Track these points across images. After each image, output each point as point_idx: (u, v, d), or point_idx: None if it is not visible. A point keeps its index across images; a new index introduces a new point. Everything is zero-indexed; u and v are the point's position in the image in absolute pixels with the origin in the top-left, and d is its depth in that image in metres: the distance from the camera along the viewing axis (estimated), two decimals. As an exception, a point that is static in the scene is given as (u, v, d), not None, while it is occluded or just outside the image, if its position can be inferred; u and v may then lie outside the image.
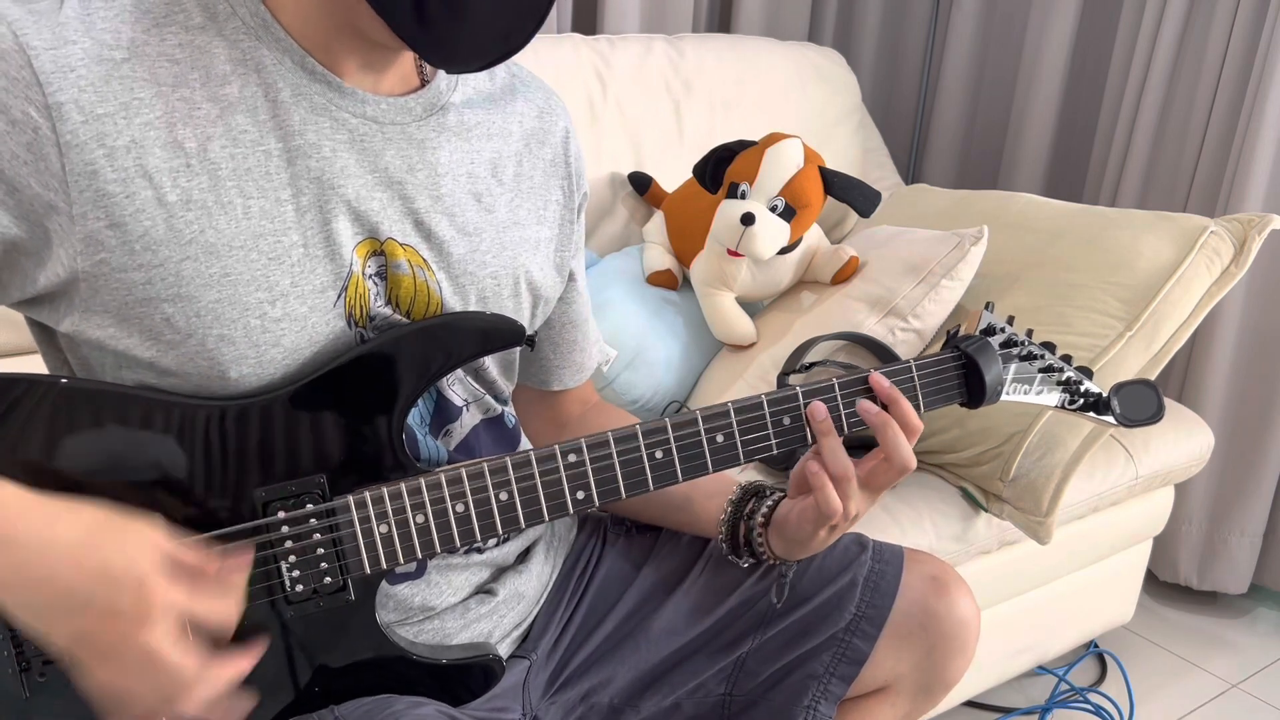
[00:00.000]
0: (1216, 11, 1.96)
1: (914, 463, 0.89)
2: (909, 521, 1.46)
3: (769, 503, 0.97)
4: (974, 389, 0.96)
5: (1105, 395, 1.01)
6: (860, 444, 1.55)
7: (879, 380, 0.91)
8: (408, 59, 0.85)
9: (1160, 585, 2.20)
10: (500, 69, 0.94)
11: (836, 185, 1.63)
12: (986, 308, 0.99)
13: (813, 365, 1.52)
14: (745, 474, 1.41)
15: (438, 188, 0.85)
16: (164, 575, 0.67)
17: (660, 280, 1.75)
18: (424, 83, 0.86)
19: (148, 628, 0.66)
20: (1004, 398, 0.98)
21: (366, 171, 0.81)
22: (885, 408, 0.91)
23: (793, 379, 1.50)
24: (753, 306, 1.74)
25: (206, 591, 0.70)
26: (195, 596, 0.69)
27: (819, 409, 0.90)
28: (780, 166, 1.61)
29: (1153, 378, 1.49)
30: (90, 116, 0.71)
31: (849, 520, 0.91)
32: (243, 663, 0.72)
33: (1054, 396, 1.01)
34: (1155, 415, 1.02)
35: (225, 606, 0.71)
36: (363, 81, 0.81)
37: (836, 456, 0.89)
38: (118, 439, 0.75)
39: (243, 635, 0.80)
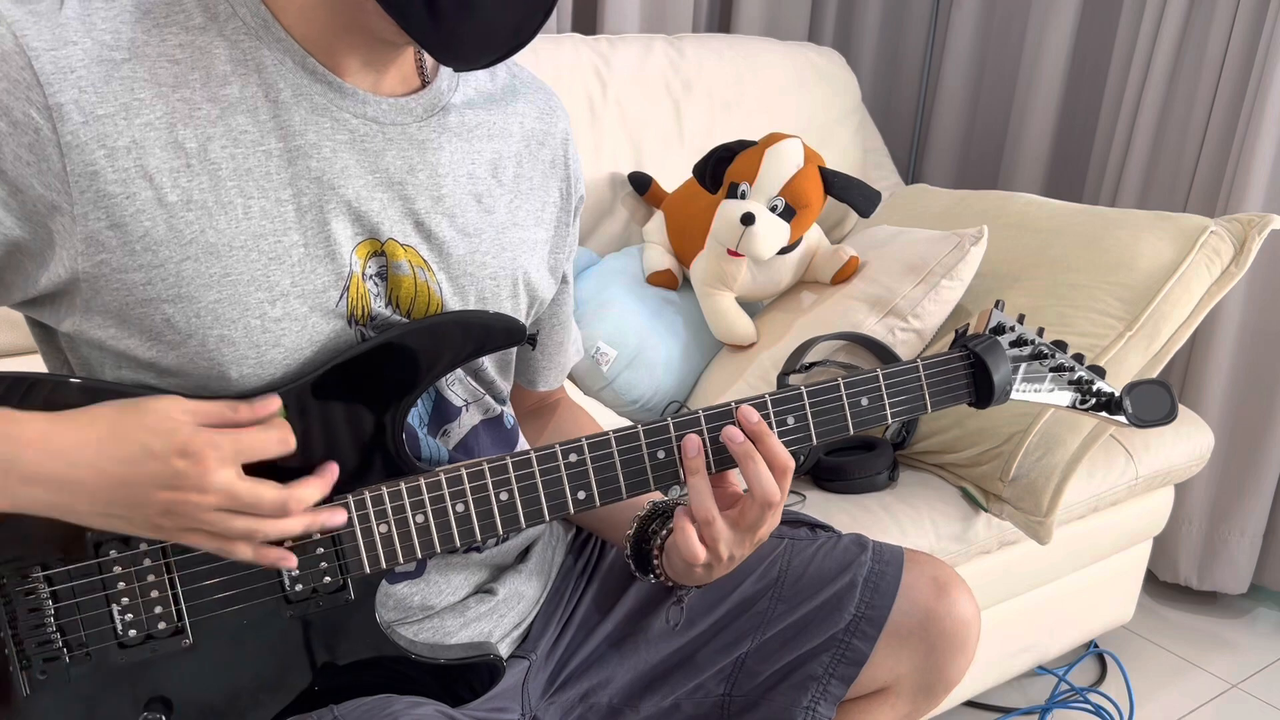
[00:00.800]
0: (1216, 11, 1.96)
1: (777, 496, 0.83)
2: (909, 521, 1.46)
3: (670, 525, 0.92)
4: (982, 389, 0.94)
5: (1118, 395, 0.99)
6: (862, 444, 1.56)
7: (747, 415, 0.85)
8: (408, 59, 0.85)
9: (1160, 585, 2.20)
10: (501, 69, 0.94)
11: (836, 185, 1.63)
12: (996, 306, 0.98)
13: (813, 365, 1.52)
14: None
15: (438, 188, 0.85)
16: (202, 430, 0.71)
17: (660, 280, 1.76)
18: (425, 83, 0.86)
19: (211, 477, 0.70)
20: (1014, 397, 0.95)
21: (367, 172, 0.81)
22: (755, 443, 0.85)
23: (793, 379, 1.50)
24: (753, 306, 1.74)
25: (249, 430, 0.73)
26: (241, 435, 0.72)
27: (691, 444, 0.84)
28: (780, 166, 1.61)
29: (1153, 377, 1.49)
30: (91, 117, 0.71)
31: (725, 562, 0.86)
32: (320, 480, 0.76)
33: (1065, 396, 0.99)
34: (1168, 416, 1.00)
35: (271, 435, 0.74)
36: (363, 82, 0.81)
37: (701, 499, 0.83)
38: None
39: (242, 635, 0.80)
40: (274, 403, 0.75)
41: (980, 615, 1.02)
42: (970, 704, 1.82)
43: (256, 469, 0.73)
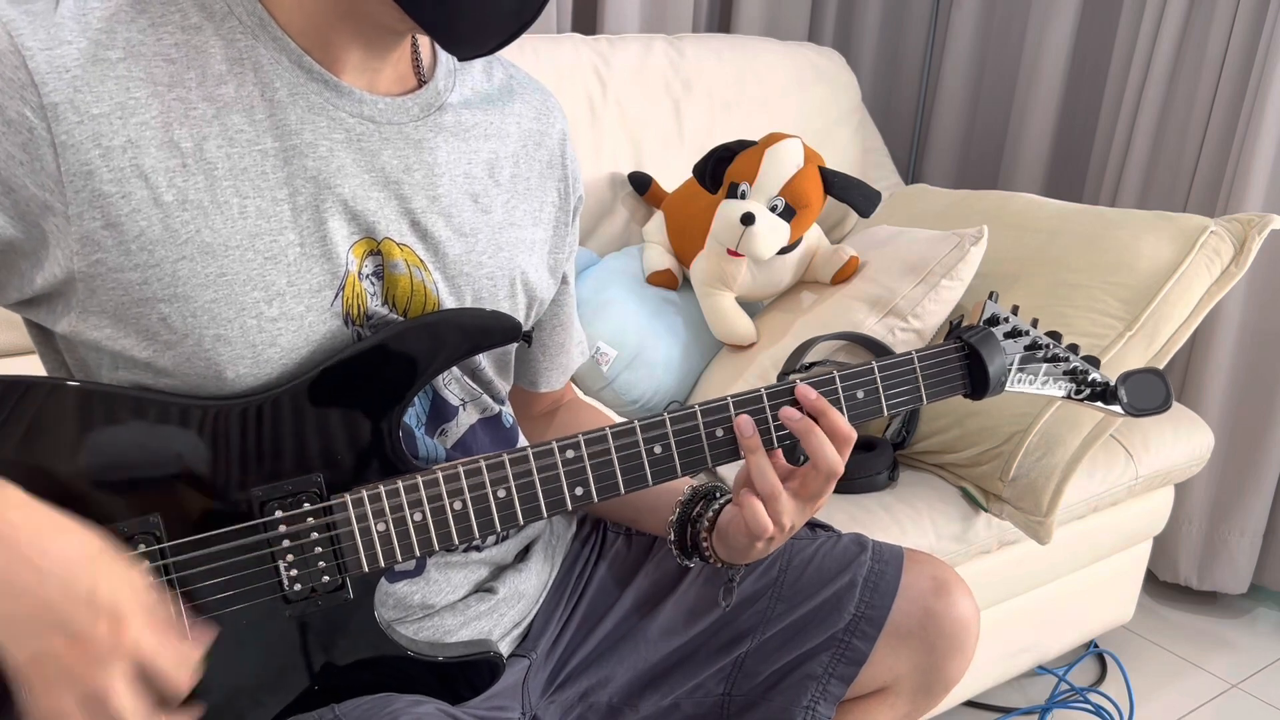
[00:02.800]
0: (1216, 11, 1.96)
1: (840, 467, 0.85)
2: (909, 521, 1.46)
3: (715, 506, 0.95)
4: (977, 380, 0.94)
5: (1112, 384, 0.99)
6: (862, 444, 1.55)
7: (805, 392, 0.87)
8: (405, 58, 0.85)
9: (1160, 585, 2.19)
10: (498, 69, 0.94)
11: (836, 185, 1.63)
12: (990, 297, 0.98)
13: (813, 365, 1.52)
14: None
15: (435, 188, 0.85)
16: (140, 617, 0.67)
17: (660, 280, 1.75)
18: (421, 83, 0.86)
19: (110, 663, 0.65)
20: (1009, 388, 0.96)
21: (363, 171, 0.81)
22: (816, 420, 0.87)
23: (793, 378, 1.50)
24: (753, 306, 1.74)
25: (170, 650, 0.69)
26: (161, 646, 0.68)
27: (745, 424, 0.86)
28: (780, 166, 1.61)
29: (1153, 377, 1.49)
30: (85, 117, 0.71)
31: (785, 533, 0.88)
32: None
33: (1060, 387, 0.99)
34: (1164, 404, 1.00)
35: (182, 672, 0.69)
36: (360, 80, 0.81)
37: (764, 475, 0.85)
38: (115, 440, 0.75)
39: (241, 635, 0.80)
40: (205, 642, 0.72)
41: (980, 615, 1.02)
42: (970, 704, 1.82)
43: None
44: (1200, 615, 2.15)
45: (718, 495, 0.97)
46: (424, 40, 0.88)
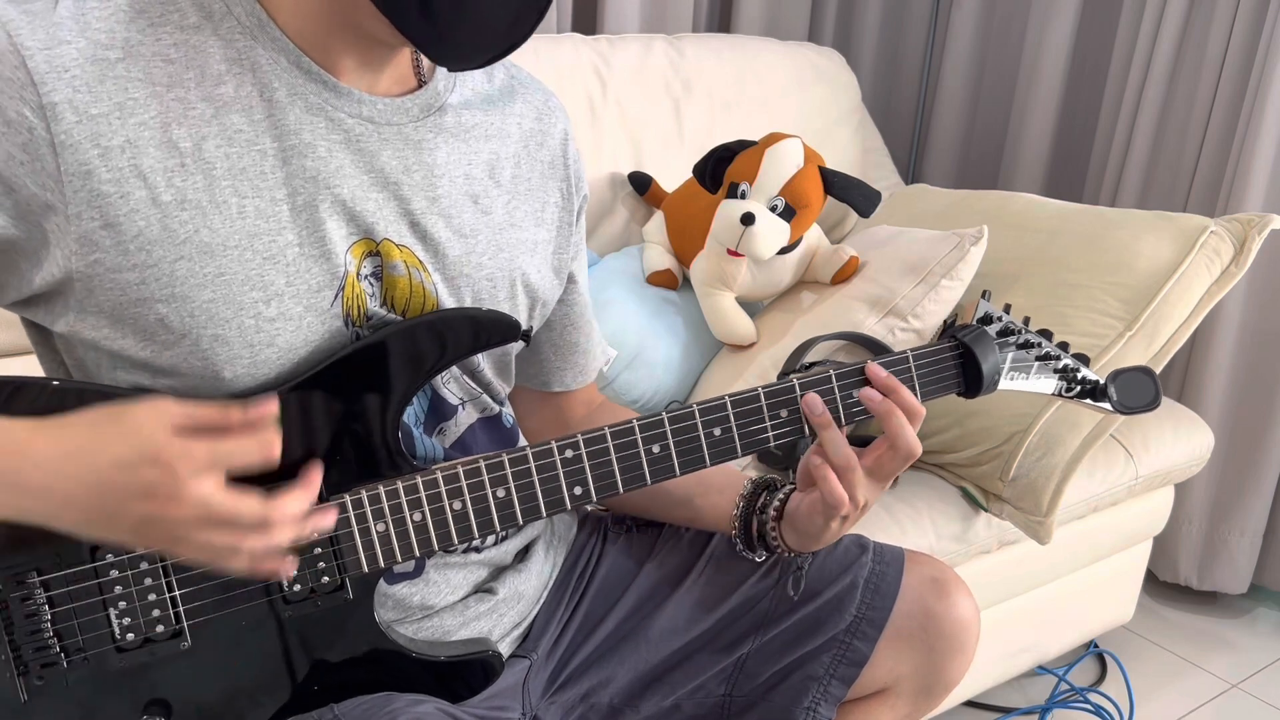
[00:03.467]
0: (1216, 11, 1.96)
1: (919, 448, 0.88)
2: (909, 521, 1.46)
3: (780, 496, 0.97)
4: (971, 378, 0.95)
5: (1102, 382, 1.00)
6: (861, 444, 1.55)
7: (876, 370, 0.90)
8: (405, 59, 0.85)
9: (1160, 585, 2.19)
10: (499, 70, 0.94)
11: (836, 185, 1.63)
12: (984, 296, 0.99)
13: (813, 365, 1.52)
14: (745, 469, 1.41)
15: (434, 189, 0.84)
16: (179, 439, 0.68)
17: (660, 280, 1.75)
18: (421, 83, 0.86)
19: (185, 491, 0.67)
20: (1001, 386, 0.97)
21: (362, 172, 0.81)
22: (885, 395, 0.90)
23: (793, 379, 1.50)
24: (753, 306, 1.74)
25: (234, 438, 0.70)
26: (219, 443, 0.69)
27: (815, 402, 0.89)
28: (780, 166, 1.61)
29: (1153, 378, 1.49)
30: (84, 116, 0.71)
31: (860, 509, 0.90)
32: (305, 491, 0.73)
33: (1051, 384, 1.00)
34: (1153, 402, 1.01)
35: (257, 444, 0.70)
36: (359, 81, 0.81)
37: (838, 448, 0.88)
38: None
39: (240, 636, 0.80)
40: (270, 406, 0.72)
41: (980, 616, 1.02)
42: (970, 704, 1.82)
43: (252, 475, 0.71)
44: (1200, 615, 2.15)
45: (779, 485, 0.99)
46: None
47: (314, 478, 0.76)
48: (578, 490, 0.85)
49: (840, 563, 1.02)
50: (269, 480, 0.73)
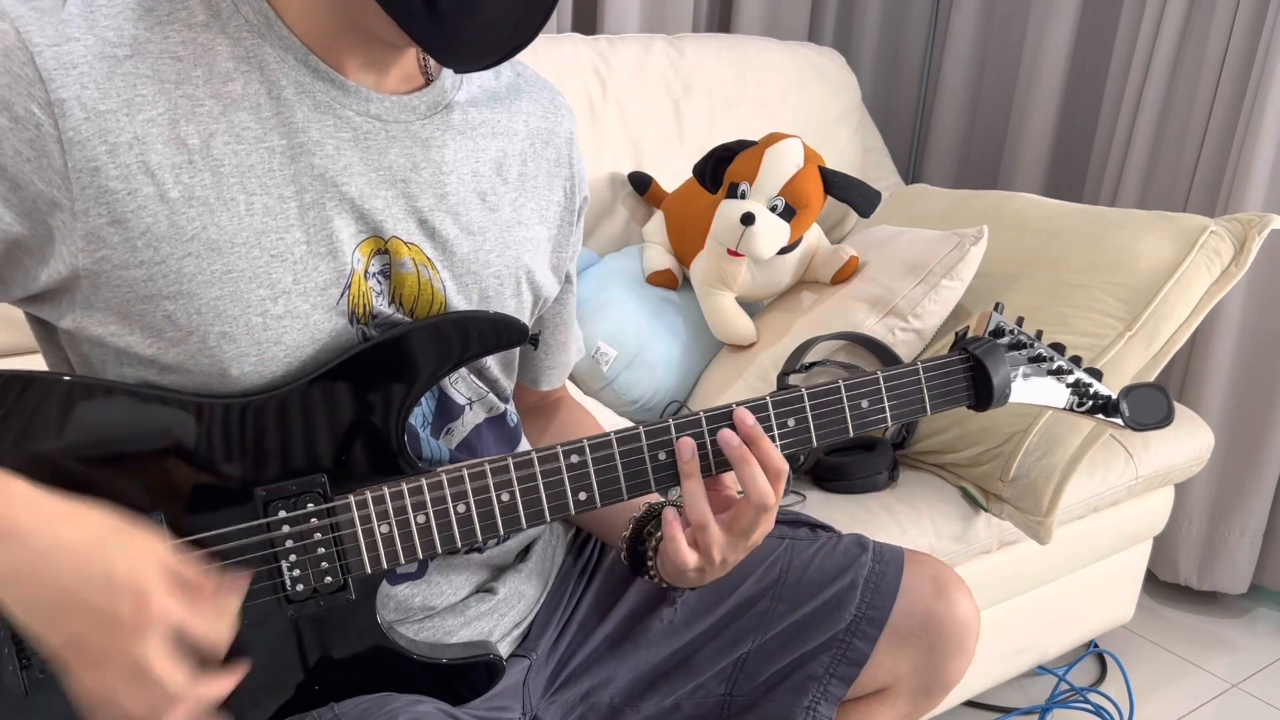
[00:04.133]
0: (1216, 11, 1.96)
1: (773, 500, 0.83)
2: (909, 521, 1.46)
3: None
4: (981, 392, 0.95)
5: (1114, 398, 1.00)
6: (862, 444, 1.56)
7: (743, 416, 0.85)
8: (411, 57, 0.85)
9: (1160, 585, 2.20)
10: (505, 67, 0.94)
11: (836, 185, 1.63)
12: (996, 309, 0.98)
13: (813, 365, 1.52)
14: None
15: (442, 186, 0.85)
16: (164, 588, 0.68)
17: (660, 280, 1.76)
18: (428, 81, 0.86)
19: (141, 638, 0.66)
20: (1012, 400, 0.96)
21: (370, 170, 0.81)
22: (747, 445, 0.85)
23: (793, 379, 1.50)
24: (753, 306, 1.74)
25: (202, 610, 0.70)
26: (191, 613, 0.69)
27: (686, 447, 0.84)
28: (780, 166, 1.61)
29: (1153, 378, 1.49)
30: (93, 113, 0.71)
31: (718, 566, 0.86)
32: (226, 683, 0.72)
33: (1062, 399, 0.99)
34: (1165, 419, 1.00)
35: (218, 628, 0.71)
36: (367, 79, 0.81)
37: (695, 502, 0.84)
38: (118, 437, 0.75)
39: (242, 634, 0.80)
40: (239, 591, 0.73)
41: (980, 615, 1.02)
42: (970, 704, 1.82)
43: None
44: (1200, 615, 2.15)
45: None
46: None
47: (234, 678, 0.73)
48: (582, 495, 0.85)
49: (840, 562, 1.02)
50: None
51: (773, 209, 1.60)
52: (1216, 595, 2.18)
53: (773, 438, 0.87)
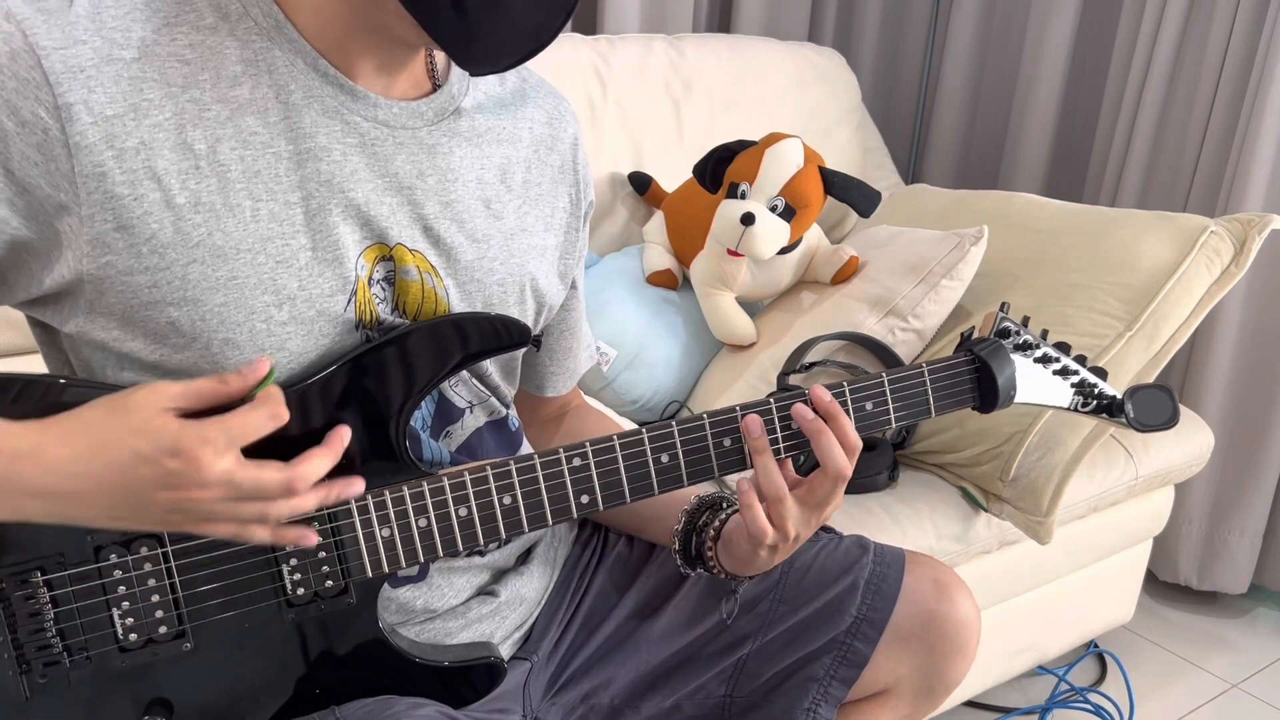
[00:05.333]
0: (1216, 11, 1.96)
1: (849, 470, 0.85)
2: (909, 521, 1.46)
3: (722, 516, 0.95)
4: (987, 393, 0.95)
5: (1119, 398, 1.00)
6: (867, 445, 1.55)
7: (820, 394, 0.87)
8: (420, 62, 0.84)
9: (1160, 585, 2.20)
10: (510, 73, 0.93)
11: (836, 185, 1.63)
12: (1001, 309, 0.98)
13: (813, 365, 1.52)
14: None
15: (448, 193, 0.84)
16: (189, 424, 0.68)
17: (660, 280, 1.75)
18: (436, 86, 0.85)
19: (208, 472, 0.67)
20: (1017, 401, 0.96)
21: (377, 176, 0.80)
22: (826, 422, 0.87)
23: (793, 379, 1.50)
24: (753, 306, 1.74)
25: (238, 412, 0.70)
26: (231, 420, 0.69)
27: (753, 424, 0.86)
28: (780, 166, 1.61)
29: (1153, 378, 1.49)
30: (99, 118, 0.70)
31: (791, 542, 0.88)
32: (329, 449, 0.73)
33: (1067, 398, 0.99)
34: (1170, 420, 1.00)
35: (262, 413, 0.70)
36: (375, 84, 0.81)
37: (769, 476, 0.85)
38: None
39: (243, 638, 0.80)
40: (262, 366, 0.71)
41: (980, 617, 1.02)
42: (970, 704, 1.82)
43: (265, 446, 0.71)
44: (1200, 615, 2.15)
45: (724, 505, 0.97)
46: None
47: (337, 442, 0.74)
48: (584, 499, 0.84)
49: (841, 564, 1.02)
50: (292, 450, 0.73)
51: (773, 209, 1.60)
52: (1216, 595, 2.18)
53: (775, 439, 0.88)
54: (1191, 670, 1.98)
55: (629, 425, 1.01)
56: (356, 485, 0.75)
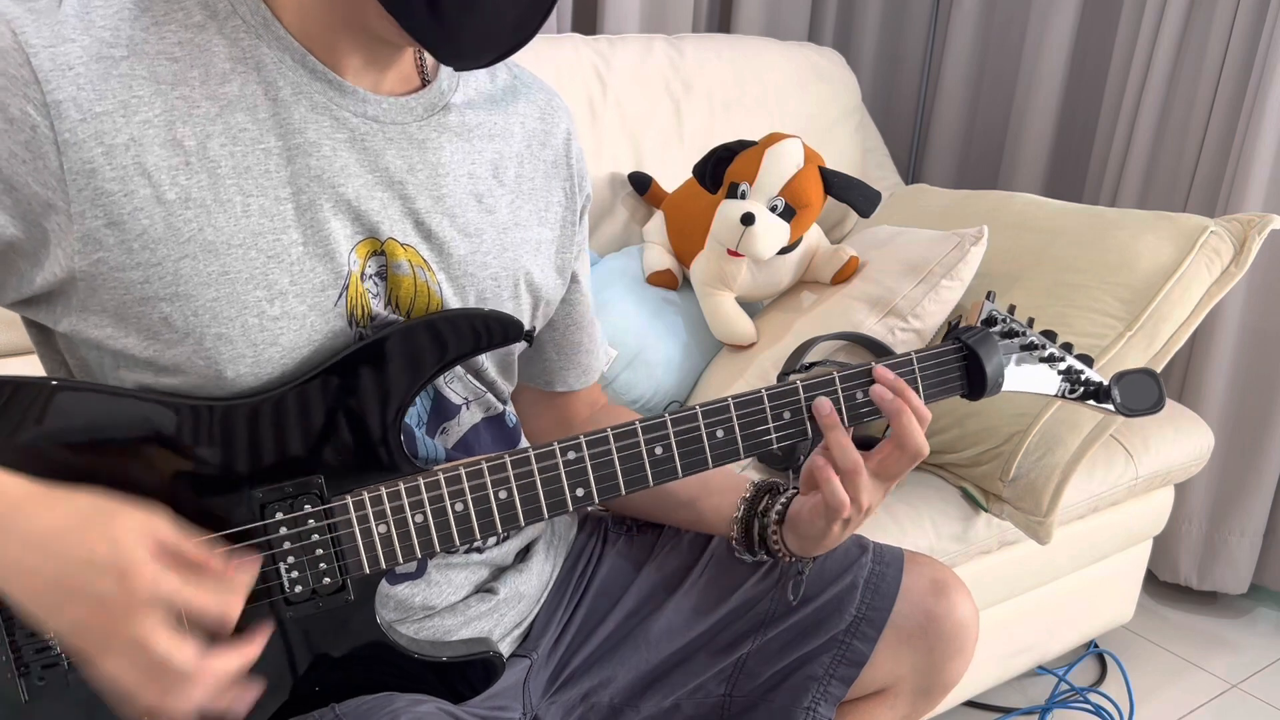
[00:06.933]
0: (1216, 11, 1.96)
1: (927, 448, 0.89)
2: (909, 521, 1.46)
3: (783, 500, 0.97)
4: (975, 380, 0.95)
5: (1106, 384, 1.00)
6: (862, 443, 1.55)
7: (884, 372, 0.90)
8: (409, 58, 0.85)
9: (1160, 585, 2.19)
10: (501, 69, 0.94)
11: (836, 185, 1.63)
12: (988, 297, 0.99)
13: (813, 365, 1.52)
14: (745, 471, 1.41)
15: (439, 188, 0.85)
16: (154, 563, 0.66)
17: (660, 280, 1.75)
18: (425, 82, 0.86)
19: (135, 616, 0.65)
20: (1005, 388, 0.97)
21: (367, 171, 0.81)
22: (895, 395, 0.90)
23: (793, 379, 1.50)
24: (753, 306, 1.74)
25: (204, 585, 0.68)
26: (189, 587, 0.67)
27: (824, 404, 0.89)
28: (780, 166, 1.61)
29: (1153, 378, 1.49)
30: (88, 115, 0.71)
31: (863, 513, 0.90)
32: (246, 652, 0.70)
33: (1054, 385, 1.00)
34: (1156, 405, 1.01)
35: (224, 601, 0.69)
36: (364, 80, 0.81)
37: (845, 451, 0.88)
38: (113, 440, 0.75)
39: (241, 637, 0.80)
40: (251, 570, 0.72)
41: (979, 617, 1.02)
42: (970, 704, 1.82)
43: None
44: (1200, 615, 2.15)
45: (781, 489, 0.98)
46: None
47: (254, 646, 0.72)
48: (580, 492, 0.85)
49: (840, 563, 1.02)
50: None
51: (773, 209, 1.60)
52: (1216, 595, 2.18)
53: (767, 430, 0.88)
54: (1191, 670, 1.97)
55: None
56: (247, 696, 0.72)
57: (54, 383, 0.74)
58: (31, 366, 0.83)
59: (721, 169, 1.67)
